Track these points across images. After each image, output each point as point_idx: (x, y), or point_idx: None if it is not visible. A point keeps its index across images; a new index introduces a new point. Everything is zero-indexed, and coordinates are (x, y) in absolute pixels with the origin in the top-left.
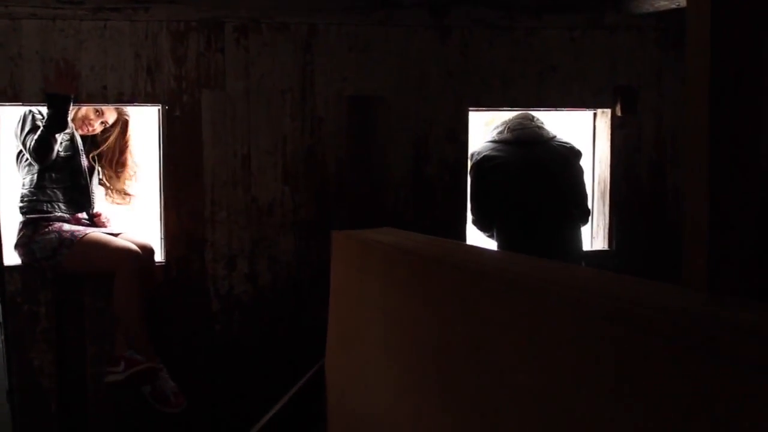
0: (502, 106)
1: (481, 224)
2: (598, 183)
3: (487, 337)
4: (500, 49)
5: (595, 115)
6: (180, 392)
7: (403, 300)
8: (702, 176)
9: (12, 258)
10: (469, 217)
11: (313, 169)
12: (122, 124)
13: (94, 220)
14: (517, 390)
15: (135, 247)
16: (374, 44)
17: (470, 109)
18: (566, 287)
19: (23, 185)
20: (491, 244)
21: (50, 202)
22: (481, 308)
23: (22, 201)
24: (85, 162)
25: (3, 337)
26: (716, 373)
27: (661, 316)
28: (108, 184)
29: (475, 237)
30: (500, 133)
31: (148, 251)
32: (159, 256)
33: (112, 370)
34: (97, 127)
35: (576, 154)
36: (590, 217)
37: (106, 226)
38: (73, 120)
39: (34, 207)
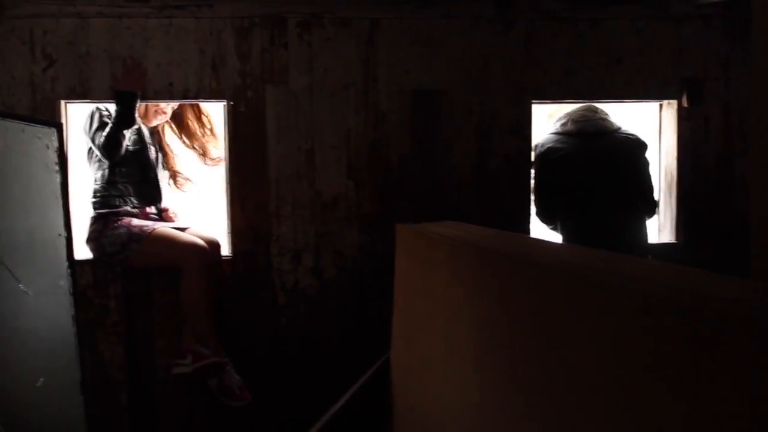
0: (566, 99)
1: (545, 216)
2: (665, 175)
3: (552, 330)
4: (564, 40)
5: (661, 106)
6: (244, 386)
7: (466, 293)
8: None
9: (83, 252)
10: (533, 209)
11: (377, 163)
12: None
13: (162, 215)
14: (583, 384)
15: (202, 242)
16: (437, 37)
17: (533, 101)
18: (631, 280)
19: (95, 181)
20: (556, 237)
21: (121, 196)
22: (545, 301)
23: (94, 196)
24: (153, 155)
25: (75, 330)
26: None
27: (730, 309)
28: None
29: (539, 230)
30: (563, 125)
31: (214, 246)
32: (225, 251)
33: (180, 363)
34: (153, 119)
35: (641, 145)
36: (657, 210)
37: (173, 221)
38: (143, 116)
39: (105, 202)
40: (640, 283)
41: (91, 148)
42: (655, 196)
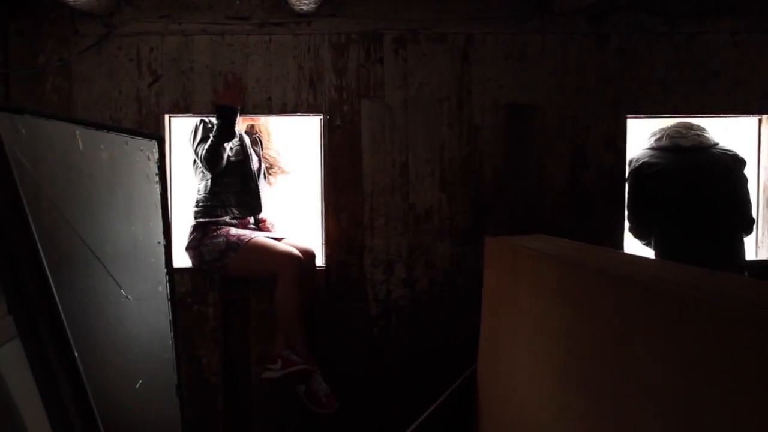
0: (662, 113)
1: (638, 232)
2: (763, 191)
3: (631, 343)
4: (660, 54)
5: (760, 121)
6: (332, 395)
7: (548, 305)
8: None
9: (182, 260)
10: (626, 224)
11: (470, 176)
12: None
13: (260, 225)
14: (662, 398)
15: (297, 252)
16: (531, 52)
17: (628, 116)
18: (709, 294)
19: (198, 191)
20: (649, 252)
21: (223, 206)
22: (624, 314)
23: (197, 206)
24: (255, 165)
25: (172, 334)
26: None
27: None
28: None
29: (633, 245)
30: (658, 140)
31: (309, 256)
32: (320, 261)
33: (270, 367)
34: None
35: (739, 161)
36: (754, 227)
37: (270, 231)
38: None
39: (208, 212)
40: (715, 297)
41: (195, 160)
42: (753, 213)
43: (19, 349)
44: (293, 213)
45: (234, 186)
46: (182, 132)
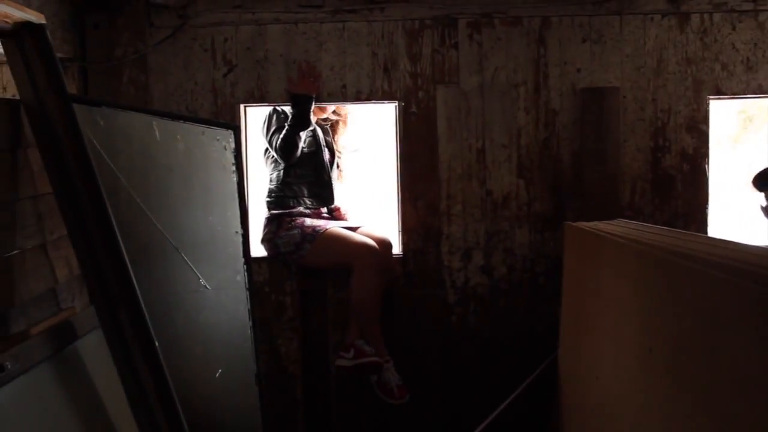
0: (746, 94)
1: None
2: None
3: (717, 329)
4: (743, 33)
5: None
6: (404, 386)
7: (632, 291)
8: None
9: (260, 250)
10: (710, 208)
11: (548, 161)
12: None
13: (334, 214)
14: (755, 390)
15: (372, 242)
16: (608, 34)
17: (710, 97)
18: None
19: (270, 181)
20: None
21: (295, 197)
22: (715, 301)
23: (269, 196)
24: (327, 156)
25: (251, 323)
26: None
27: None
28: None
29: (718, 228)
30: None
31: (385, 245)
32: (397, 249)
33: (343, 355)
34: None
35: None
36: None
37: (345, 220)
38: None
39: (280, 202)
40: None
41: (267, 149)
42: None
43: (101, 340)
44: (370, 200)
45: (307, 177)
46: (257, 121)
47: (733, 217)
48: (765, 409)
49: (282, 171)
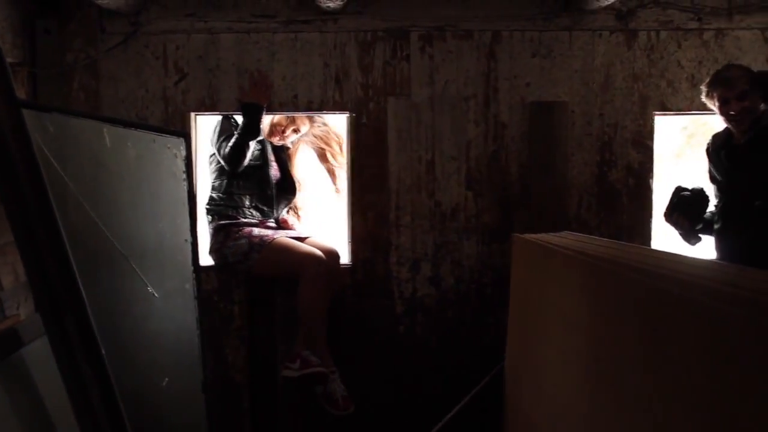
0: (690, 110)
1: None
2: None
3: (665, 343)
4: (688, 51)
5: None
6: (348, 397)
7: (578, 302)
8: None
9: (209, 258)
10: (654, 222)
11: (496, 174)
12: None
13: (281, 225)
14: (694, 399)
15: (319, 252)
16: (558, 49)
17: (656, 113)
18: (753, 293)
19: (213, 189)
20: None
21: (236, 208)
22: (658, 313)
23: (209, 204)
24: (273, 173)
25: (199, 332)
26: None
27: None
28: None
29: (661, 242)
30: None
31: (333, 255)
32: (345, 259)
33: (289, 366)
34: (289, 135)
35: None
36: None
37: (293, 230)
38: (270, 133)
39: (220, 212)
40: (752, 294)
41: (212, 156)
42: None
43: (47, 347)
44: (319, 211)
45: (250, 189)
46: (208, 130)
47: (672, 232)
48: (708, 420)
49: (225, 180)
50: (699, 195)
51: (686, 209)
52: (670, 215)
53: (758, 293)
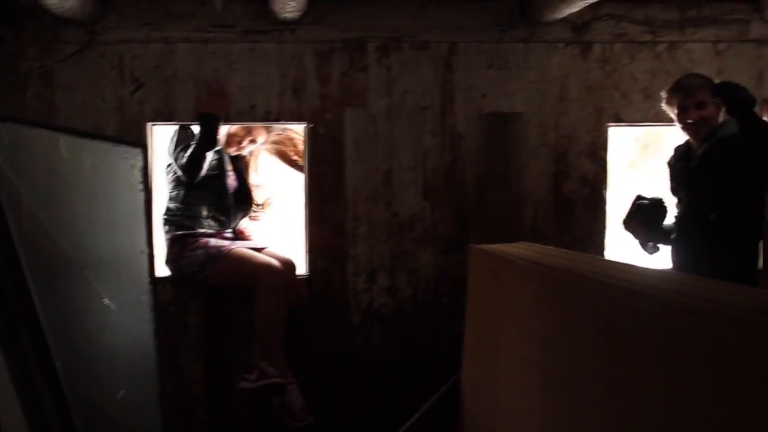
0: (644, 122)
1: None
2: None
3: (619, 352)
4: (642, 63)
5: None
6: (307, 408)
7: (535, 312)
8: None
9: (165, 269)
10: (608, 232)
11: (453, 184)
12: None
13: (238, 235)
14: (650, 407)
15: (276, 263)
16: (514, 61)
17: (610, 124)
18: (704, 301)
19: (170, 199)
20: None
21: (193, 218)
22: (612, 322)
23: (166, 214)
24: (231, 183)
25: (155, 344)
26: None
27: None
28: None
29: (615, 252)
30: None
31: (289, 266)
32: (302, 270)
33: (246, 377)
34: (246, 146)
35: None
36: None
37: (249, 240)
38: (227, 144)
39: (177, 222)
40: (704, 302)
41: (169, 166)
42: None
43: None
44: (275, 221)
45: (207, 199)
46: (165, 140)
47: (630, 241)
48: (660, 427)
49: (182, 191)
50: (657, 205)
51: (644, 218)
52: (629, 223)
53: (709, 302)
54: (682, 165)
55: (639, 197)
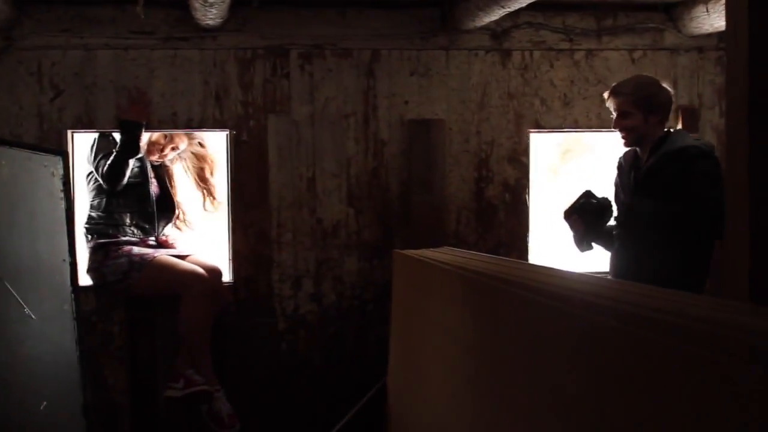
0: (563, 128)
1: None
2: None
3: (542, 353)
4: (560, 70)
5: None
6: (235, 414)
7: (460, 316)
8: (742, 185)
9: (88, 278)
10: (531, 236)
11: (377, 191)
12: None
13: (161, 243)
14: (572, 407)
15: (201, 270)
16: (435, 68)
17: (531, 130)
18: (621, 304)
19: (91, 208)
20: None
21: (116, 226)
22: (534, 324)
23: (88, 223)
24: (153, 190)
25: (78, 354)
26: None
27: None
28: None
29: (539, 256)
30: None
31: (215, 273)
32: (227, 277)
33: (172, 386)
34: (168, 153)
35: None
36: None
37: (173, 248)
38: (148, 152)
39: (100, 230)
40: (621, 305)
41: (89, 175)
42: None
43: None
44: (199, 229)
45: (130, 207)
46: (86, 148)
47: (554, 245)
48: (580, 426)
49: (104, 199)
50: (602, 205)
51: (587, 218)
52: (569, 216)
53: (632, 306)
54: (631, 175)
55: (588, 193)
